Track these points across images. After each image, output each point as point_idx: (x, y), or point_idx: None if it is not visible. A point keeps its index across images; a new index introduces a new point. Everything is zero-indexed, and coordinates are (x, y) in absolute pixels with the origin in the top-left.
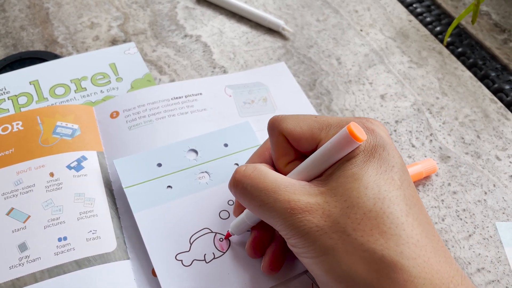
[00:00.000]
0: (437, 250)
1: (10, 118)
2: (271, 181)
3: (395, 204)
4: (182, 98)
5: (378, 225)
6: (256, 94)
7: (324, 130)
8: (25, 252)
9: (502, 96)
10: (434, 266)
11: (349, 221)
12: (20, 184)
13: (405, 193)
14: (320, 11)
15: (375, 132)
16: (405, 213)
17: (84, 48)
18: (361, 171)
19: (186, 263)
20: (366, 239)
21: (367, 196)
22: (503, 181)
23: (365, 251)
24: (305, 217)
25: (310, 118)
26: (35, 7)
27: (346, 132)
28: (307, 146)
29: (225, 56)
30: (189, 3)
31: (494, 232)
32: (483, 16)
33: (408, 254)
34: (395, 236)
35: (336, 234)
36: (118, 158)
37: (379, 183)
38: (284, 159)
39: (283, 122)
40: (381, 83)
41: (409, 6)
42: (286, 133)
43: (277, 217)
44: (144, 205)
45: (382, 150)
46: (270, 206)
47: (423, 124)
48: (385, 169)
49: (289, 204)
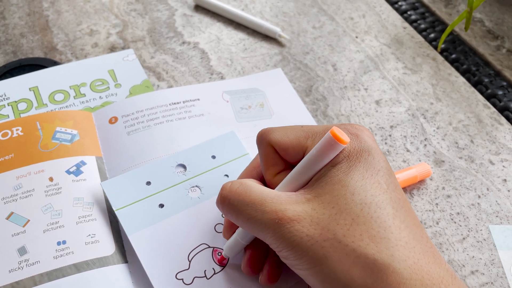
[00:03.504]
0: (426, 252)
1: (10, 123)
2: (257, 194)
3: (381, 208)
4: (180, 104)
5: (367, 229)
6: (253, 99)
7: (310, 138)
8: (25, 255)
9: (495, 101)
10: (424, 267)
11: (339, 228)
12: (20, 189)
13: (391, 196)
14: (316, 18)
15: (360, 137)
16: (392, 216)
17: (83, 55)
18: (347, 177)
19: (187, 282)
20: (358, 245)
21: (354, 202)
22: (496, 185)
23: (358, 257)
24: (294, 226)
25: (296, 128)
26: (35, 15)
27: (330, 136)
28: (294, 155)
29: (222, 62)
30: (187, 11)
31: (487, 235)
32: (476, 23)
33: (399, 256)
34: (384, 240)
35: (327, 242)
36: (105, 181)
37: (365, 188)
38: (272, 169)
39: (271, 133)
40: (376, 89)
41: (403, 13)
42: (274, 143)
43: (266, 230)
44: (138, 226)
45: (368, 155)
46: (258, 219)
47: (418, 129)
48: (371, 174)
49: (276, 215)
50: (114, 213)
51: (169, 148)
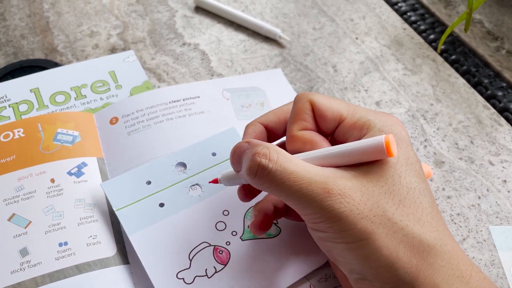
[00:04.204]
0: (455, 242)
1: (11, 125)
2: (299, 166)
3: (423, 195)
4: (180, 101)
5: (413, 212)
6: (254, 98)
7: (350, 114)
8: (26, 257)
9: (495, 102)
10: (458, 254)
11: (388, 206)
12: (21, 190)
13: (427, 187)
14: (316, 20)
15: (399, 126)
16: (431, 205)
17: (84, 56)
18: (393, 159)
19: (188, 281)
20: (405, 224)
21: (401, 185)
22: (496, 185)
23: (405, 236)
24: (345, 198)
25: (340, 100)
26: (35, 16)
27: (382, 143)
28: (329, 122)
29: (222, 63)
30: (187, 12)
31: (487, 236)
32: (476, 24)
33: (440, 240)
34: (427, 223)
35: (377, 218)
36: (105, 181)
37: (410, 174)
38: (300, 124)
39: (315, 94)
40: (376, 90)
41: (403, 15)
42: (315, 101)
43: (311, 200)
44: (138, 226)
45: (407, 145)
46: (304, 188)
47: (418, 130)
48: (411, 162)
49: (326, 185)
50: (116, 214)
51: (169, 146)
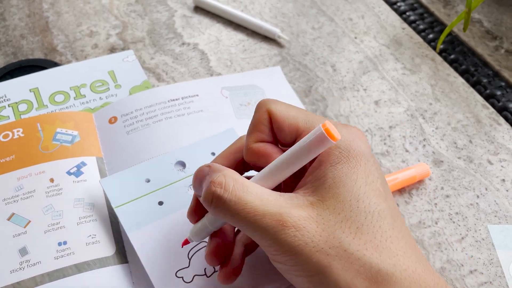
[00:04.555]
0: (420, 260)
1: (10, 125)
2: (255, 194)
3: (383, 217)
4: (178, 100)
5: (371, 239)
6: (252, 96)
7: (309, 124)
8: (26, 256)
9: (494, 101)
10: (421, 276)
11: (345, 235)
12: (21, 190)
13: (389, 205)
14: (315, 19)
15: (360, 140)
16: (391, 226)
17: (83, 56)
18: (351, 181)
19: (187, 280)
20: (363, 253)
21: (359, 209)
22: (495, 184)
23: (362, 266)
24: (299, 231)
25: (299, 109)
26: (35, 16)
27: (321, 129)
28: (287, 134)
29: (222, 63)
30: (186, 12)
31: (486, 234)
32: (475, 23)
33: (400, 266)
34: (386, 249)
35: (333, 250)
36: (104, 178)
37: (369, 195)
38: (257, 135)
39: (274, 103)
40: (375, 90)
41: (402, 14)
42: (273, 111)
43: (266, 233)
44: (137, 224)
45: (367, 161)
46: (258, 220)
47: (417, 129)
48: (371, 180)
49: (280, 217)
50: (115, 214)
51: (168, 146)
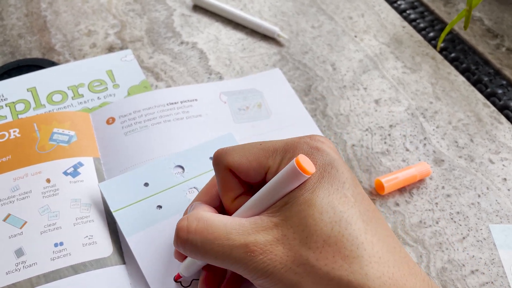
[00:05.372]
0: (400, 263)
1: (7, 125)
2: (220, 228)
3: (351, 224)
4: (177, 104)
5: (339, 250)
6: (251, 100)
7: (271, 157)
8: (22, 257)
9: (495, 100)
10: (399, 281)
11: (311, 252)
12: (17, 191)
13: (360, 209)
14: (315, 18)
15: (321, 150)
16: (363, 231)
17: (81, 55)
18: (313, 195)
19: (185, 284)
20: (331, 267)
21: (324, 222)
22: (496, 184)
23: (331, 280)
24: (267, 256)
25: (255, 147)
26: (33, 15)
27: (294, 165)
28: (255, 176)
29: (221, 62)
30: (185, 11)
31: (487, 234)
32: (475, 21)
33: (373, 274)
34: (357, 259)
35: (300, 268)
36: (102, 182)
37: (333, 205)
38: (231, 194)
39: (229, 156)
40: (375, 88)
41: (402, 13)
42: (232, 166)
43: (237, 263)
44: (136, 228)
45: (331, 168)
46: (227, 255)
47: (417, 128)
48: (336, 188)
49: (247, 248)
50: (112, 214)
51: (166, 148)
